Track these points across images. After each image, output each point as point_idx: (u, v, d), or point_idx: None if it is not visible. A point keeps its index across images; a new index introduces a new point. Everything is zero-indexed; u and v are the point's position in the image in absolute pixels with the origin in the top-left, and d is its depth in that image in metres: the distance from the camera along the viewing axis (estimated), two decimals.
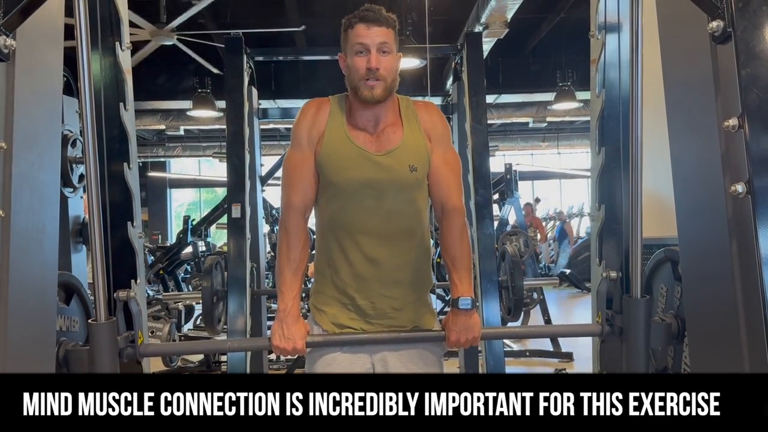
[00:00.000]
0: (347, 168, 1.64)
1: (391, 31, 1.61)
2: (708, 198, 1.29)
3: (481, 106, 3.78)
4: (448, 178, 1.71)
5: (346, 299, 1.69)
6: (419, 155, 1.66)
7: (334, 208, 1.67)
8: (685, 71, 1.38)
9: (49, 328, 1.40)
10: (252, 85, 4.14)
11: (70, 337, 1.72)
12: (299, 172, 1.67)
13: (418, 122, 1.70)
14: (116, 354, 1.57)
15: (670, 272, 1.82)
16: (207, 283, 3.64)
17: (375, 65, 1.58)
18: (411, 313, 1.72)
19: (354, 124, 1.68)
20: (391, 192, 1.65)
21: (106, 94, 1.88)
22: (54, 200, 1.40)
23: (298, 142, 1.68)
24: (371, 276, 1.66)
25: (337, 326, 1.70)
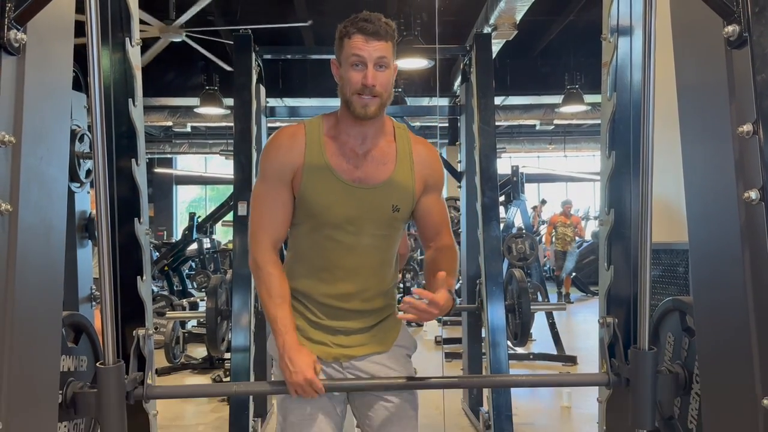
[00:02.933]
0: (330, 205, 1.58)
1: (390, 45, 1.53)
2: (720, 205, 1.28)
3: (490, 107, 3.76)
4: (442, 223, 1.70)
5: (313, 317, 1.66)
6: (405, 195, 1.62)
7: (312, 241, 1.63)
8: (699, 76, 1.36)
9: (54, 326, 1.39)
10: (260, 83, 4.13)
11: (78, 378, 1.72)
12: (267, 208, 1.61)
13: (412, 161, 1.63)
14: (123, 397, 1.57)
15: (678, 322, 1.78)
16: (211, 304, 3.58)
17: (371, 82, 1.51)
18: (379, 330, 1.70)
19: (337, 147, 1.60)
20: (370, 229, 1.60)
21: (115, 89, 1.88)
22: (62, 196, 1.40)
23: (266, 176, 1.62)
24: (342, 307, 1.64)
25: (306, 339, 1.66)
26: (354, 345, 1.67)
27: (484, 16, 6.41)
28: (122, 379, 1.59)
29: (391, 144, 1.64)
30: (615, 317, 1.81)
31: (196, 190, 18.27)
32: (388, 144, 1.64)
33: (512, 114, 11.09)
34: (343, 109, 1.59)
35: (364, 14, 1.54)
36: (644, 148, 1.52)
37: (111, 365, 1.55)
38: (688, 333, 1.76)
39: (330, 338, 1.66)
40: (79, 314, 1.92)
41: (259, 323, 3.82)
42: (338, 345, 1.66)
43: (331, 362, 1.66)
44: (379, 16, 1.54)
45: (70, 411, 1.67)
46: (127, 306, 1.92)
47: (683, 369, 1.72)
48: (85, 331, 1.91)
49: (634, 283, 1.90)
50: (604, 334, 1.80)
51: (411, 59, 5.71)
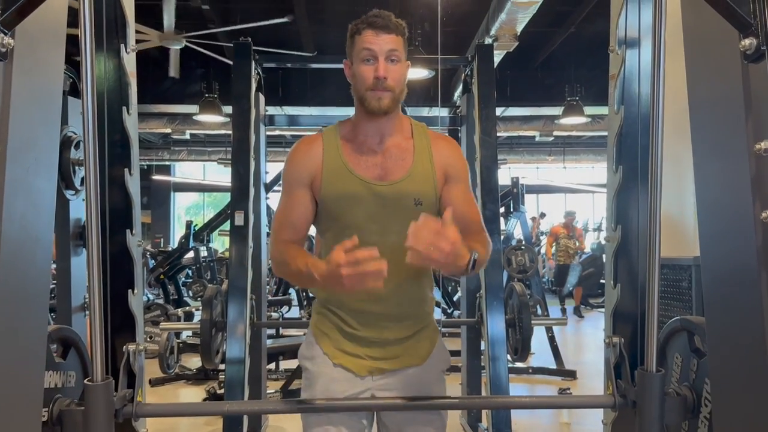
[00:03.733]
0: (351, 205, 1.57)
1: (401, 39, 1.54)
2: (736, 224, 1.23)
3: (491, 118, 3.72)
4: (469, 215, 1.61)
5: (348, 328, 1.63)
6: (426, 189, 1.59)
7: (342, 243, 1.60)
8: (713, 90, 1.32)
9: (39, 342, 1.34)
10: (259, 92, 4.09)
11: (65, 394, 1.68)
12: (286, 210, 1.61)
13: (431, 154, 1.61)
14: (112, 415, 1.52)
15: (686, 343, 1.74)
16: (206, 316, 3.51)
17: (383, 74, 1.50)
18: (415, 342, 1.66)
19: (355, 147, 1.60)
20: (394, 226, 1.53)
21: (109, 97, 1.83)
22: (49, 208, 1.34)
23: (285, 185, 1.62)
24: (375, 311, 1.61)
25: (339, 351, 1.64)
26: (388, 357, 1.63)
27: (485, 28, 6.39)
28: (111, 396, 1.54)
29: (408, 140, 1.62)
30: (621, 336, 1.76)
31: (194, 198, 18.22)
32: (405, 140, 1.62)
33: (512, 125, 11.08)
34: (358, 108, 1.59)
35: (374, 11, 1.54)
36: (653, 162, 1.46)
37: (99, 382, 1.50)
38: (696, 354, 1.71)
39: (364, 350, 1.62)
40: (68, 328, 1.87)
41: (254, 335, 3.75)
42: (372, 357, 1.63)
43: (363, 376, 1.63)
44: (390, 14, 1.55)
45: (56, 429, 1.62)
46: (118, 320, 1.86)
47: (691, 391, 1.67)
48: (73, 346, 1.85)
49: (641, 301, 1.85)
50: (610, 354, 1.74)
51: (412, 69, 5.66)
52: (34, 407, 1.35)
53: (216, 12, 7.13)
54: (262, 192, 4.31)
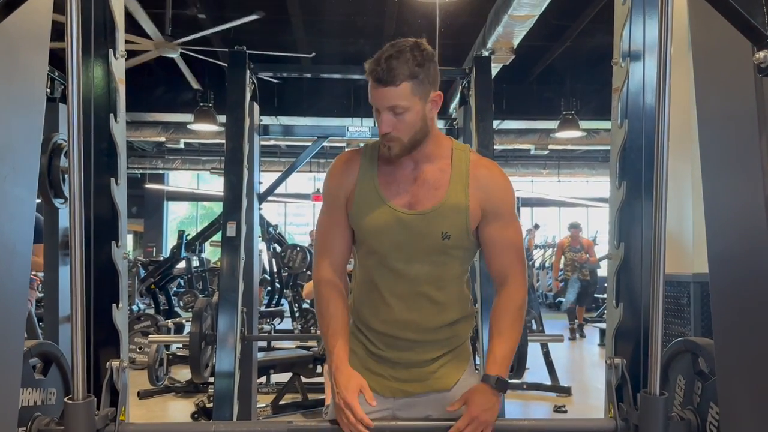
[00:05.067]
0: (377, 231, 1.51)
1: (407, 86, 1.39)
2: (748, 244, 1.17)
3: (488, 131, 3.68)
4: (509, 255, 1.55)
5: (373, 348, 1.59)
6: (456, 222, 1.50)
7: (367, 267, 1.58)
8: (724, 105, 1.27)
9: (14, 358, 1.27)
10: (254, 101, 4.04)
11: (45, 412, 1.61)
12: (326, 232, 1.59)
13: (467, 184, 1.51)
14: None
15: (689, 365, 1.68)
16: (196, 328, 3.44)
17: (384, 131, 1.44)
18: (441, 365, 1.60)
19: (389, 171, 1.53)
20: (419, 256, 1.51)
21: (96, 103, 1.77)
22: (28, 218, 1.28)
23: (327, 205, 1.59)
24: (401, 336, 1.56)
25: (364, 369, 1.58)
26: (412, 380, 1.59)
27: (482, 41, 6.38)
28: (92, 415, 1.47)
29: (446, 167, 1.52)
30: (623, 358, 1.70)
31: (188, 207, 18.11)
32: (443, 167, 1.52)
33: (507, 138, 11.07)
34: None
35: (384, 50, 1.41)
36: (658, 177, 1.41)
37: (80, 400, 1.44)
38: (700, 377, 1.66)
39: (389, 371, 1.58)
40: (50, 343, 1.80)
41: (244, 349, 3.67)
42: (396, 378, 1.58)
43: (387, 396, 1.59)
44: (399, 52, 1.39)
45: None
46: (101, 335, 1.79)
47: (695, 415, 1.62)
48: (55, 362, 1.78)
49: (644, 321, 1.80)
50: (611, 375, 1.68)
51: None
52: (8, 426, 1.28)
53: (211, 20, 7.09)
54: (255, 203, 4.25)
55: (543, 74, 8.84)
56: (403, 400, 1.59)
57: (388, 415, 1.60)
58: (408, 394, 1.59)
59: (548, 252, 12.97)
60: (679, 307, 3.34)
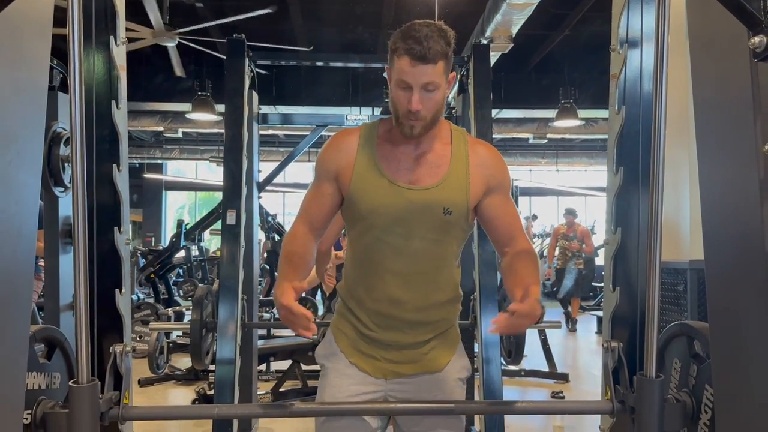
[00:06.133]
0: (378, 206, 1.53)
1: (441, 65, 1.43)
2: (743, 228, 1.19)
3: (487, 119, 3.68)
4: (512, 227, 1.59)
5: (365, 329, 1.62)
6: (458, 199, 1.54)
7: (363, 245, 1.59)
8: (720, 90, 1.28)
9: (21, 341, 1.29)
10: (253, 89, 4.04)
11: (50, 396, 1.64)
12: (309, 201, 1.62)
13: (467, 163, 1.55)
14: (97, 417, 1.49)
15: (685, 348, 1.71)
16: (196, 316, 3.46)
17: (416, 108, 1.44)
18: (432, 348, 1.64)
19: (390, 149, 1.56)
20: (420, 232, 1.53)
21: (97, 90, 1.78)
22: (33, 203, 1.29)
23: (317, 178, 1.61)
24: (393, 315, 1.58)
25: (355, 350, 1.63)
26: (404, 362, 1.62)
27: (480, 29, 6.37)
28: (97, 398, 1.49)
29: (446, 147, 1.57)
30: (620, 341, 1.72)
31: (186, 196, 18.10)
32: (443, 147, 1.56)
33: (506, 127, 11.07)
34: (394, 123, 1.54)
35: (415, 29, 1.42)
36: (654, 163, 1.43)
37: (84, 384, 1.46)
38: (696, 359, 1.69)
39: (381, 353, 1.61)
40: (54, 328, 1.82)
41: (245, 336, 3.70)
42: (387, 360, 1.61)
43: (378, 377, 1.62)
44: (432, 31, 1.43)
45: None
46: (105, 320, 1.81)
47: (691, 398, 1.64)
48: (59, 346, 1.80)
49: (641, 305, 1.82)
50: (608, 358, 1.71)
51: None
52: (15, 409, 1.30)
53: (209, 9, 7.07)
54: (255, 191, 4.26)
55: (541, 63, 8.83)
56: (395, 381, 1.62)
57: (380, 396, 1.63)
58: (400, 375, 1.62)
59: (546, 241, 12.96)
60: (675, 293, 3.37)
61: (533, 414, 4.45)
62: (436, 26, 1.44)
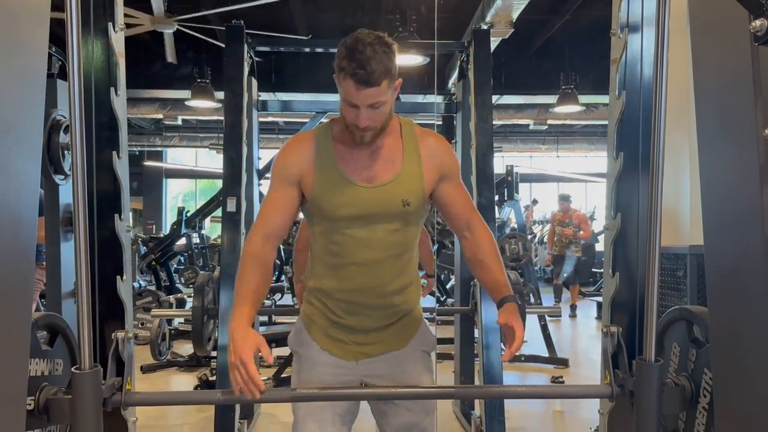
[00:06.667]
0: (341, 205, 1.60)
1: (385, 83, 1.48)
2: (742, 212, 1.19)
3: (487, 104, 3.67)
4: (467, 209, 1.70)
5: (334, 317, 1.70)
6: (414, 190, 1.62)
7: (328, 239, 1.66)
8: (720, 74, 1.28)
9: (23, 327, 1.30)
10: (252, 76, 4.02)
11: (52, 382, 1.65)
12: (267, 206, 1.65)
13: (419, 155, 1.64)
14: (100, 403, 1.51)
15: (684, 332, 1.73)
16: (197, 303, 3.48)
17: (363, 125, 1.52)
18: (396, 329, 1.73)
19: (345, 149, 1.62)
20: (382, 224, 1.62)
21: (96, 77, 1.77)
22: (33, 190, 1.29)
23: (277, 182, 1.64)
24: (359, 302, 1.67)
25: (326, 337, 1.72)
26: (371, 342, 1.71)
27: (480, 14, 6.32)
28: (99, 384, 1.51)
29: (397, 141, 1.65)
30: (619, 326, 1.74)
31: (187, 184, 18.09)
32: (394, 142, 1.64)
33: (506, 113, 11.02)
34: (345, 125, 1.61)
35: (358, 49, 1.45)
36: (654, 148, 1.44)
37: (87, 370, 1.48)
38: (695, 344, 1.69)
39: (349, 336, 1.70)
40: (55, 315, 1.83)
41: None
42: (356, 343, 1.70)
43: (349, 360, 1.71)
44: (374, 51, 1.45)
45: (42, 418, 1.59)
46: (106, 307, 1.82)
47: (689, 382, 1.66)
48: (61, 333, 1.81)
49: (640, 290, 1.83)
50: (607, 343, 1.72)
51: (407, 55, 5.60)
52: (18, 395, 1.31)
53: None
54: (255, 178, 4.26)
55: (542, 48, 8.76)
56: (365, 361, 1.71)
57: (354, 379, 1.72)
58: (369, 356, 1.71)
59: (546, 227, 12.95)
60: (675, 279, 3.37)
61: (533, 398, 4.47)
62: (379, 43, 1.47)
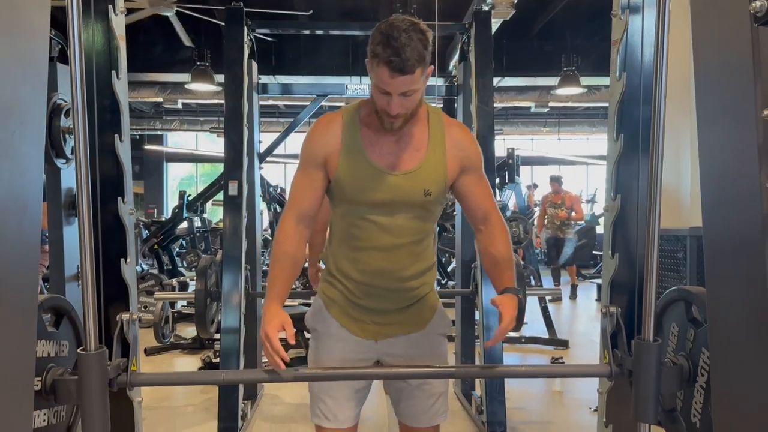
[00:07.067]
0: (364, 189, 1.61)
1: (419, 71, 1.48)
2: (741, 192, 1.20)
3: (488, 87, 3.66)
4: (485, 203, 1.71)
5: (352, 297, 1.72)
6: (436, 180, 1.63)
7: (348, 222, 1.67)
8: (720, 54, 1.28)
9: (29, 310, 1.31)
10: (252, 59, 4.01)
11: (59, 363, 1.68)
12: (297, 188, 1.67)
13: (445, 145, 1.64)
14: (106, 384, 1.53)
15: (683, 312, 1.75)
16: (200, 285, 3.51)
17: (395, 112, 1.53)
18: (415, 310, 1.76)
19: (372, 133, 1.63)
20: (403, 210, 1.63)
21: (97, 61, 1.78)
22: (37, 174, 1.30)
23: (304, 164, 1.66)
24: (379, 285, 1.69)
25: (345, 315, 1.74)
26: (390, 323, 1.73)
27: None
28: (105, 365, 1.53)
29: (424, 130, 1.65)
30: (618, 306, 1.75)
31: (187, 168, 18.07)
32: (421, 130, 1.65)
33: (507, 95, 10.97)
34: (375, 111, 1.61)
35: (394, 36, 1.44)
36: (655, 130, 1.44)
37: (92, 351, 1.50)
38: (693, 324, 1.71)
39: (368, 317, 1.72)
40: (60, 297, 1.85)
41: (249, 305, 3.74)
42: (375, 323, 1.73)
43: (368, 339, 1.73)
44: (410, 39, 1.45)
45: (49, 398, 1.62)
46: (111, 289, 1.84)
47: (687, 361, 1.68)
48: (66, 315, 1.83)
49: (639, 271, 1.84)
50: (606, 323, 1.74)
51: None
52: (26, 376, 1.33)
53: None
54: (256, 161, 4.26)
55: (544, 30, 8.70)
56: (384, 342, 1.74)
57: (372, 357, 1.75)
58: (388, 336, 1.74)
59: None
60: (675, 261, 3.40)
61: (533, 377, 4.52)
62: (414, 30, 1.47)
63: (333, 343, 1.74)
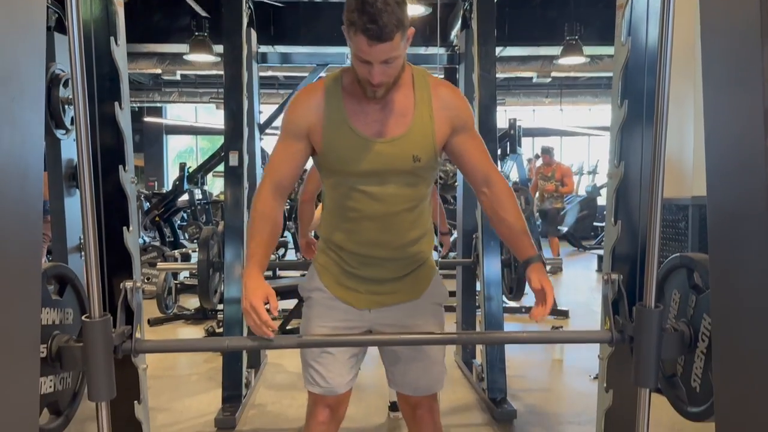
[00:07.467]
0: (350, 159, 1.58)
1: (398, 37, 1.43)
2: (746, 158, 1.19)
3: (491, 55, 3.62)
4: (483, 163, 1.65)
5: (347, 267, 1.71)
6: (424, 144, 1.59)
7: (340, 193, 1.66)
8: (727, 17, 1.26)
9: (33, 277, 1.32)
10: (251, 27, 3.96)
11: (63, 331, 1.68)
12: (275, 158, 1.65)
13: (432, 108, 1.59)
14: (111, 351, 1.54)
15: (684, 279, 1.74)
16: (203, 256, 3.52)
17: (377, 81, 1.49)
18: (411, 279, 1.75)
19: (356, 102, 1.59)
20: (393, 177, 1.60)
21: (95, 27, 1.75)
22: (38, 142, 1.29)
23: (285, 134, 1.63)
24: (373, 255, 1.68)
25: (339, 285, 1.73)
26: (385, 293, 1.72)
27: None
28: (109, 332, 1.54)
29: (409, 94, 1.60)
30: (620, 273, 1.76)
31: (187, 140, 18.02)
32: (406, 94, 1.60)
33: (509, 65, 10.87)
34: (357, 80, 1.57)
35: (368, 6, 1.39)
36: (659, 97, 1.43)
37: (97, 319, 1.50)
38: (695, 290, 1.72)
39: (363, 286, 1.71)
40: (63, 265, 1.85)
41: None
42: (370, 292, 1.71)
43: (361, 308, 1.72)
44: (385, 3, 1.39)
45: (55, 365, 1.63)
46: (114, 258, 1.84)
47: (689, 327, 1.68)
48: (70, 283, 1.84)
49: (641, 238, 1.84)
50: (608, 290, 1.74)
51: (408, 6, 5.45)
52: (32, 342, 1.34)
53: None
54: (256, 132, 4.24)
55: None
56: (377, 310, 1.73)
57: (365, 326, 1.74)
58: (382, 305, 1.73)
59: None
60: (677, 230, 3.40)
61: (533, 343, 4.55)
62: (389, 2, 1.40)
63: (325, 312, 1.73)
